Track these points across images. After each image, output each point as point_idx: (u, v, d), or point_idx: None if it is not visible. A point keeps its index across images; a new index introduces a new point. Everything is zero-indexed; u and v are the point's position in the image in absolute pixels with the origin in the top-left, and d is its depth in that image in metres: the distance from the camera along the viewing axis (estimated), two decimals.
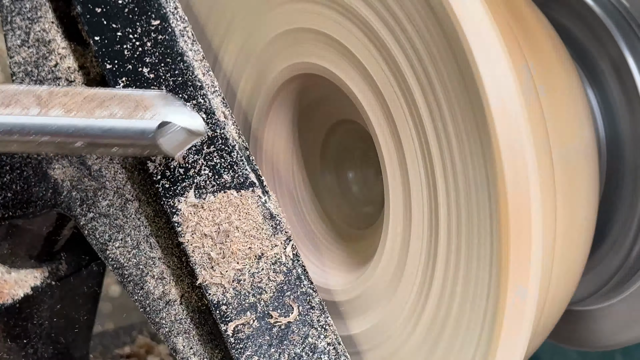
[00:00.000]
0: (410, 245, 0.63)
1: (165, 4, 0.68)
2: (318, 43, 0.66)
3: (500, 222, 0.55)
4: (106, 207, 0.68)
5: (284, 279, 0.65)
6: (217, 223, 0.65)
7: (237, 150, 0.67)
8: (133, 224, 0.68)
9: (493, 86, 0.54)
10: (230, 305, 0.64)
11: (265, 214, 0.65)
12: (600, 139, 0.80)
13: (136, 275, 0.68)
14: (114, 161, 0.68)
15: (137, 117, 0.57)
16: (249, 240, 0.65)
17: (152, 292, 0.68)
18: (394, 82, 0.61)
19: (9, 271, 0.74)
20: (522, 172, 0.55)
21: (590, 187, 0.69)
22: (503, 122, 0.54)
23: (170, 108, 0.58)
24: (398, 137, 0.62)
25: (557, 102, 0.66)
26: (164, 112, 0.58)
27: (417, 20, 0.57)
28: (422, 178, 0.61)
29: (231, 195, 0.66)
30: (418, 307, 0.62)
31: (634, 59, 0.78)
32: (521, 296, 0.56)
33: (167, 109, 0.58)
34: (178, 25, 0.68)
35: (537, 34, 0.68)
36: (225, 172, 0.66)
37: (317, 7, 0.65)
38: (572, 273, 0.70)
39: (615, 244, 0.81)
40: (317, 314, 0.64)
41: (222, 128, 0.67)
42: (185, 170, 0.66)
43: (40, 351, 0.77)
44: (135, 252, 0.68)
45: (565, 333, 0.88)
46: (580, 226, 0.69)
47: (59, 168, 0.68)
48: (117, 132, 0.57)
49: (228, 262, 0.64)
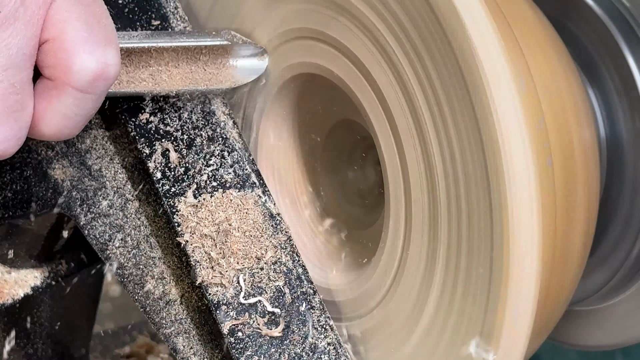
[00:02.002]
0: (411, 245, 0.63)
1: (165, 4, 0.68)
2: (318, 43, 0.66)
3: (500, 222, 0.55)
4: (106, 207, 0.68)
5: (284, 279, 0.65)
6: (217, 223, 0.65)
7: (237, 150, 0.67)
8: (133, 224, 0.68)
9: (493, 86, 0.54)
10: (230, 305, 0.64)
11: (265, 214, 0.65)
12: (600, 139, 0.80)
13: (136, 275, 0.68)
14: (114, 161, 0.68)
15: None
16: (249, 240, 0.65)
17: (152, 292, 0.68)
18: (395, 82, 0.61)
19: (9, 271, 0.74)
20: (522, 171, 0.55)
21: (590, 187, 0.69)
22: (503, 121, 0.54)
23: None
24: (398, 137, 0.62)
25: (557, 102, 0.66)
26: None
27: (418, 20, 0.57)
28: (422, 178, 0.61)
29: (231, 195, 0.66)
30: (418, 307, 0.62)
31: (634, 59, 0.78)
32: (521, 296, 0.56)
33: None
34: (178, 25, 0.68)
35: (537, 34, 0.68)
36: (225, 172, 0.66)
37: (317, 7, 0.65)
38: (572, 273, 0.70)
39: (615, 244, 0.81)
40: (317, 314, 0.64)
41: (222, 128, 0.67)
42: (185, 170, 0.66)
43: (40, 351, 0.77)
44: (135, 252, 0.68)
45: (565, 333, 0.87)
46: (580, 226, 0.69)
47: (59, 168, 0.68)
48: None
49: (228, 262, 0.64)
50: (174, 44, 0.64)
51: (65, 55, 0.55)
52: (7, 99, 0.54)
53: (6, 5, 0.53)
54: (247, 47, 0.68)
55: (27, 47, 0.54)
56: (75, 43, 0.55)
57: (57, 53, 0.55)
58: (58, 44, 0.55)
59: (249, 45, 0.68)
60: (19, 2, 0.53)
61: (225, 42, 0.66)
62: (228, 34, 0.67)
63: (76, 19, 0.56)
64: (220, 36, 0.67)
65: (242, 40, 0.68)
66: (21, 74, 0.55)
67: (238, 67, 0.67)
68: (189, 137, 0.67)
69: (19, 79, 0.55)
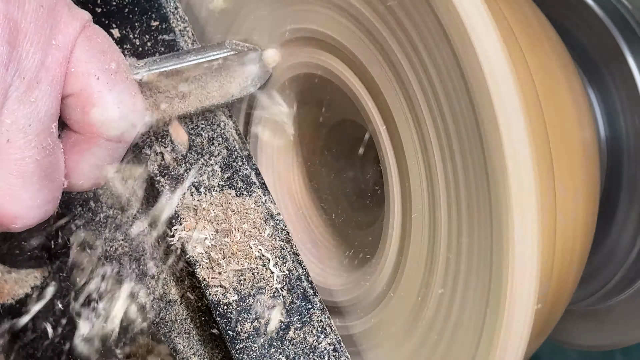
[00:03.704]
0: (411, 245, 0.63)
1: (165, 4, 0.68)
2: (319, 43, 0.66)
3: (500, 222, 0.55)
4: (106, 207, 0.68)
5: (284, 278, 0.65)
6: (217, 223, 0.65)
7: (237, 150, 0.67)
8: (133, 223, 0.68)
9: (493, 86, 0.54)
10: (230, 305, 0.64)
11: (265, 214, 0.65)
12: (600, 138, 0.80)
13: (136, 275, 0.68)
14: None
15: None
16: (248, 240, 0.65)
17: (152, 292, 0.68)
18: (395, 82, 0.61)
19: (9, 271, 0.74)
20: (522, 171, 0.55)
21: (590, 187, 0.69)
22: (503, 121, 0.54)
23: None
24: (398, 137, 0.62)
25: (557, 102, 0.66)
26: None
27: (418, 20, 0.57)
28: (422, 178, 0.61)
29: (231, 195, 0.66)
30: (418, 307, 0.62)
31: (634, 59, 0.78)
32: (521, 296, 0.56)
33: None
34: (178, 25, 0.68)
35: (537, 34, 0.68)
36: (225, 172, 0.66)
37: (318, 8, 0.65)
38: (573, 273, 0.70)
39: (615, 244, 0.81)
40: (317, 314, 0.64)
41: (222, 128, 0.67)
42: (185, 170, 0.66)
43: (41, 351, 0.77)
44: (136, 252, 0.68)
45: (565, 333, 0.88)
46: (581, 226, 0.69)
47: None
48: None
49: (228, 262, 0.64)
50: (184, 65, 0.64)
51: (93, 109, 0.54)
52: (42, 163, 0.53)
53: (28, 70, 0.52)
54: (253, 54, 0.68)
55: (53, 107, 0.54)
56: (101, 95, 0.55)
57: (84, 107, 0.55)
58: (84, 98, 0.54)
59: (255, 52, 0.68)
60: (40, 64, 0.52)
61: (232, 53, 0.66)
62: (231, 43, 0.67)
63: (98, 69, 0.55)
64: (225, 47, 0.67)
65: (247, 48, 0.68)
66: (51, 135, 0.54)
67: (247, 74, 0.67)
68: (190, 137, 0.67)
69: (50, 141, 0.54)
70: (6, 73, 0.51)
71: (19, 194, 0.53)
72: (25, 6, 0.52)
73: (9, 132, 0.52)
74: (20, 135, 0.52)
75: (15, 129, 0.52)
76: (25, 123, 0.52)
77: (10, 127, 0.52)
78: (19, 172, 0.52)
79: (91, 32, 0.56)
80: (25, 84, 0.52)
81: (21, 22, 0.51)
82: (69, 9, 0.55)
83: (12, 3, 0.51)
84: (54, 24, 0.53)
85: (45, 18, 0.53)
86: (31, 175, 0.53)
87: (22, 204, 0.53)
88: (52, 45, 0.53)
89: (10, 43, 0.51)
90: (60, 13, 0.54)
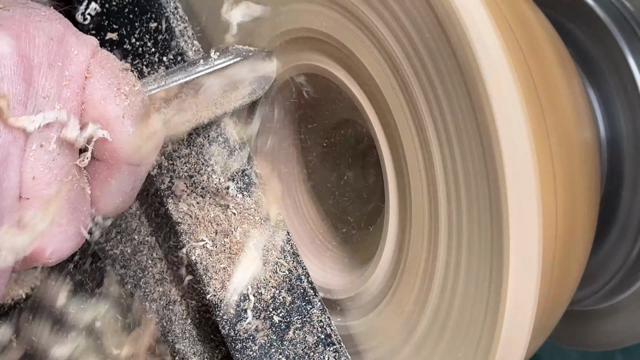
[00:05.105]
0: (411, 245, 0.63)
1: (165, 4, 0.68)
2: (319, 43, 0.66)
3: (500, 222, 0.55)
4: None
5: (284, 278, 0.65)
6: (217, 223, 0.65)
7: (237, 150, 0.67)
8: (133, 223, 0.68)
9: (494, 86, 0.54)
10: (230, 306, 0.64)
11: (264, 214, 0.65)
12: (600, 138, 0.80)
13: (136, 275, 0.68)
14: None
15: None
16: (248, 240, 0.65)
17: (152, 292, 0.68)
18: (395, 82, 0.61)
19: None
20: (522, 171, 0.55)
21: (590, 187, 0.69)
22: (503, 121, 0.54)
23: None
24: (399, 137, 0.62)
25: (557, 102, 0.66)
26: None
27: (418, 20, 0.57)
28: (422, 178, 0.61)
29: (231, 195, 0.66)
30: (418, 307, 0.62)
31: (634, 59, 0.78)
32: (522, 296, 0.56)
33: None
34: (178, 25, 0.68)
35: (537, 34, 0.68)
36: (225, 172, 0.66)
37: (318, 8, 0.65)
38: (573, 273, 0.70)
39: (615, 244, 0.81)
40: (317, 314, 0.64)
41: (222, 128, 0.67)
42: (185, 170, 0.66)
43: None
44: (136, 252, 0.68)
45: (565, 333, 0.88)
46: (581, 226, 0.69)
47: None
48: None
49: (228, 262, 0.64)
50: (192, 77, 0.63)
51: (112, 135, 0.54)
52: (70, 196, 0.53)
53: (46, 105, 0.52)
54: (257, 58, 0.67)
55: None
56: (120, 121, 0.54)
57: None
58: (103, 125, 0.54)
59: (258, 55, 0.68)
60: (57, 97, 0.52)
61: (238, 59, 0.66)
62: (235, 49, 0.67)
63: (114, 94, 0.55)
64: (229, 53, 0.66)
65: (252, 52, 0.68)
66: (75, 166, 0.54)
67: (256, 78, 0.67)
68: (189, 137, 0.67)
69: (75, 172, 0.54)
70: (25, 111, 0.51)
71: (51, 229, 0.53)
72: (35, 41, 0.51)
73: (34, 169, 0.51)
74: (46, 171, 0.52)
75: (39, 165, 0.52)
76: (49, 158, 0.52)
77: (34, 165, 0.51)
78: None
79: (101, 57, 0.55)
80: (44, 118, 0.51)
81: (34, 58, 0.51)
82: (76, 37, 0.54)
83: (22, 39, 0.51)
84: (65, 54, 0.53)
85: (56, 50, 0.52)
86: (60, 209, 0.53)
87: (55, 239, 0.53)
88: (66, 76, 0.53)
89: (26, 80, 0.50)
90: (69, 43, 0.53)
